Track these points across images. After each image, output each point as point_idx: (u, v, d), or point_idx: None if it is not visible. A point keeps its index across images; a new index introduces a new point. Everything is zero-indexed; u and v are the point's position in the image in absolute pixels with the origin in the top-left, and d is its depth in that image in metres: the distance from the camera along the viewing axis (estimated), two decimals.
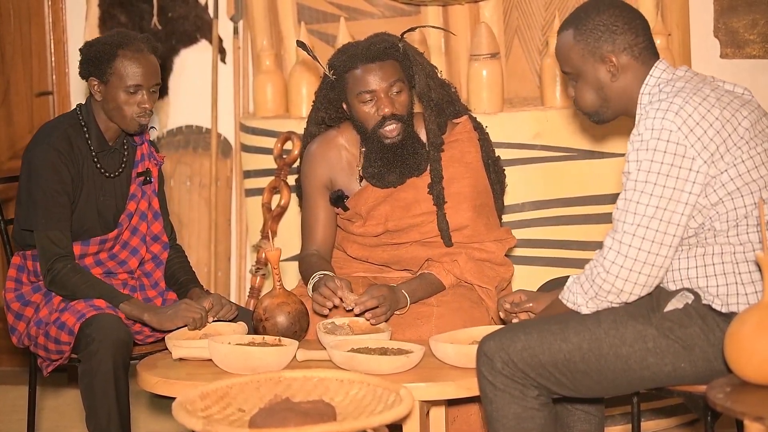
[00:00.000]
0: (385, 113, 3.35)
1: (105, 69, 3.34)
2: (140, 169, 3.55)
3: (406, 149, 3.39)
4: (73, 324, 3.26)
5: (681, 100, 2.72)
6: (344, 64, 3.40)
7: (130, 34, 3.41)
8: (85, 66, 3.39)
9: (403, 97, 3.38)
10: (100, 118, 3.44)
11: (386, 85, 3.35)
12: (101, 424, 3.22)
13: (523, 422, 2.78)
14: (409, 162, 3.41)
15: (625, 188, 2.75)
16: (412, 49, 3.46)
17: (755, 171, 2.73)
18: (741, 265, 2.73)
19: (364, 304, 3.18)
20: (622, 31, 2.84)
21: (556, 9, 4.35)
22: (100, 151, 3.45)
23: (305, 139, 3.63)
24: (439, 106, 3.44)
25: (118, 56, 3.34)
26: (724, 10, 4.53)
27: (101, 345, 3.18)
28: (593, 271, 2.78)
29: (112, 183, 3.49)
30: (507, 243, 3.51)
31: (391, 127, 3.36)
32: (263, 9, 4.59)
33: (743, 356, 2.43)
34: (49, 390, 4.77)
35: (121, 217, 3.49)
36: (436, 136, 3.42)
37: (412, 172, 3.43)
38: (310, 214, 3.54)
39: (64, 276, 3.33)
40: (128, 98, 3.35)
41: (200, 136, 5.07)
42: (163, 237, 3.59)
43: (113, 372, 3.19)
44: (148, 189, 3.57)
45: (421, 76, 3.41)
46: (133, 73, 3.33)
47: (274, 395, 2.44)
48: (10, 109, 5.19)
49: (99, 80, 3.37)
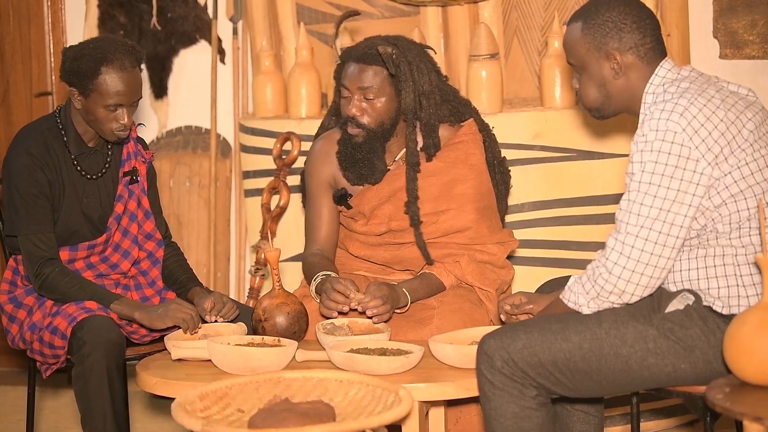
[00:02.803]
0: (349, 112, 3.38)
1: (87, 84, 3.30)
2: (126, 168, 3.51)
3: (362, 153, 3.41)
4: (65, 328, 3.26)
5: (686, 101, 2.72)
6: (345, 56, 3.45)
7: (115, 46, 3.33)
8: (67, 75, 3.35)
9: (378, 106, 3.38)
10: (78, 122, 3.40)
11: (360, 88, 3.36)
12: (97, 427, 3.20)
13: (520, 422, 2.78)
14: (363, 169, 3.43)
15: (629, 189, 2.74)
16: (411, 65, 3.40)
17: (759, 174, 2.73)
18: (742, 267, 2.73)
19: (366, 305, 3.18)
20: (630, 29, 2.83)
21: (556, 9, 4.34)
22: (80, 153, 3.42)
23: (318, 131, 3.68)
24: (430, 128, 3.43)
25: (101, 74, 3.28)
26: (724, 11, 4.53)
27: (93, 347, 3.17)
28: (595, 271, 2.78)
29: (96, 185, 3.46)
30: (509, 246, 3.51)
31: (351, 129, 3.39)
32: (262, 9, 4.59)
33: (743, 357, 2.43)
34: (49, 390, 4.77)
35: (110, 220, 3.46)
36: (413, 155, 3.41)
37: (364, 179, 3.45)
38: (314, 211, 3.55)
39: (53, 280, 3.31)
40: (107, 114, 3.31)
41: (199, 137, 5.07)
42: (156, 235, 3.56)
43: (106, 373, 3.18)
44: (136, 188, 3.52)
45: (408, 92, 3.39)
46: (115, 92, 3.29)
47: (274, 396, 2.44)
48: (9, 109, 5.19)
49: (79, 92, 3.33)
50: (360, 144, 3.40)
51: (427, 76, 3.42)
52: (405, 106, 3.40)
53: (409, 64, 3.39)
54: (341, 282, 3.23)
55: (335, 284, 3.22)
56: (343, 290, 3.21)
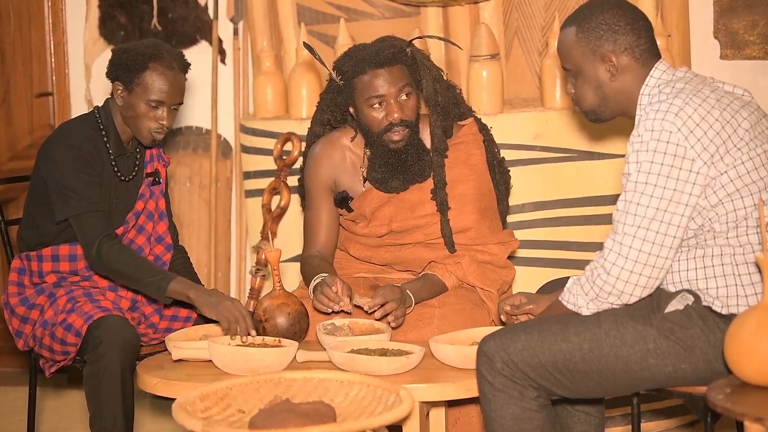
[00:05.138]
0: (393, 119, 3.35)
1: (132, 77, 3.33)
2: (149, 170, 3.55)
3: (410, 155, 3.39)
4: (80, 326, 3.26)
5: (681, 102, 2.72)
6: (352, 69, 3.38)
7: (165, 47, 3.39)
8: (114, 69, 3.38)
9: (412, 101, 3.38)
10: (118, 122, 3.43)
11: (395, 90, 3.34)
12: (106, 427, 3.21)
13: (521, 423, 2.78)
14: (413, 169, 3.41)
15: (625, 189, 2.74)
16: (420, 53, 3.46)
17: (755, 172, 2.73)
18: (741, 266, 2.73)
19: (384, 309, 3.17)
20: (624, 31, 2.84)
21: (556, 10, 4.35)
22: (119, 155, 3.45)
23: (309, 139, 3.63)
24: (445, 110, 3.45)
25: (148, 68, 3.32)
26: (724, 11, 4.54)
27: (109, 347, 3.18)
28: (594, 272, 2.78)
29: (126, 186, 3.49)
30: (510, 246, 3.51)
31: (398, 133, 3.36)
32: (263, 10, 4.59)
33: (743, 357, 2.43)
34: (50, 391, 4.77)
35: (128, 215, 3.49)
36: (441, 141, 3.42)
37: (415, 179, 3.43)
38: (313, 215, 3.54)
39: (111, 256, 3.27)
40: (148, 111, 3.34)
41: (200, 137, 5.07)
42: (167, 238, 3.60)
43: (120, 374, 3.19)
44: (157, 189, 3.57)
45: (428, 80, 3.41)
46: (159, 89, 3.32)
47: (274, 396, 2.44)
48: (10, 110, 5.19)
49: (124, 86, 3.36)
50: (404, 148, 3.38)
51: (432, 63, 3.47)
52: (427, 93, 3.41)
53: (415, 53, 3.43)
54: (336, 283, 3.22)
55: (325, 289, 3.21)
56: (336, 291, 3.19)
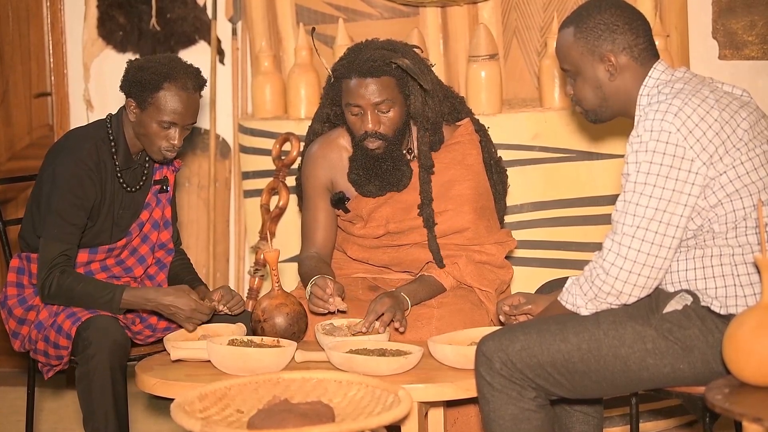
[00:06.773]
0: (367, 129, 3.34)
1: (146, 96, 3.30)
2: (158, 177, 3.53)
3: (386, 163, 3.38)
4: (69, 328, 3.26)
5: (680, 102, 2.72)
6: (342, 71, 3.37)
7: (181, 65, 3.35)
8: (128, 85, 3.35)
9: (392, 114, 3.35)
10: (129, 135, 3.41)
11: (374, 103, 3.32)
12: (98, 427, 3.22)
13: (519, 423, 2.78)
14: (389, 176, 3.40)
15: (624, 190, 2.74)
16: (418, 62, 3.39)
17: (754, 173, 2.73)
18: (739, 267, 2.73)
19: (383, 321, 3.16)
20: (622, 31, 2.84)
21: (555, 10, 4.34)
22: (125, 168, 3.43)
23: (309, 136, 3.62)
24: (435, 125, 3.43)
25: (162, 89, 3.29)
26: (723, 12, 4.54)
27: (98, 347, 3.18)
28: (592, 272, 2.78)
29: (132, 196, 3.48)
30: (507, 246, 3.51)
31: (372, 143, 3.36)
32: (262, 10, 4.59)
33: (741, 358, 2.43)
34: (48, 392, 4.77)
35: (132, 226, 3.48)
36: (427, 158, 3.40)
37: (391, 187, 3.42)
38: (310, 216, 3.54)
39: (58, 283, 3.28)
40: (160, 131, 3.32)
41: (199, 137, 5.07)
42: (169, 245, 3.59)
43: (110, 374, 3.19)
44: (164, 197, 3.55)
45: (416, 95, 3.38)
46: (172, 110, 3.29)
47: (273, 396, 2.44)
48: (8, 110, 5.19)
49: (137, 104, 3.33)
50: (382, 155, 3.38)
51: (428, 75, 3.41)
52: (414, 110, 3.38)
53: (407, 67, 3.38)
54: (327, 283, 3.21)
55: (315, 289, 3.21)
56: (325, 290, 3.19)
